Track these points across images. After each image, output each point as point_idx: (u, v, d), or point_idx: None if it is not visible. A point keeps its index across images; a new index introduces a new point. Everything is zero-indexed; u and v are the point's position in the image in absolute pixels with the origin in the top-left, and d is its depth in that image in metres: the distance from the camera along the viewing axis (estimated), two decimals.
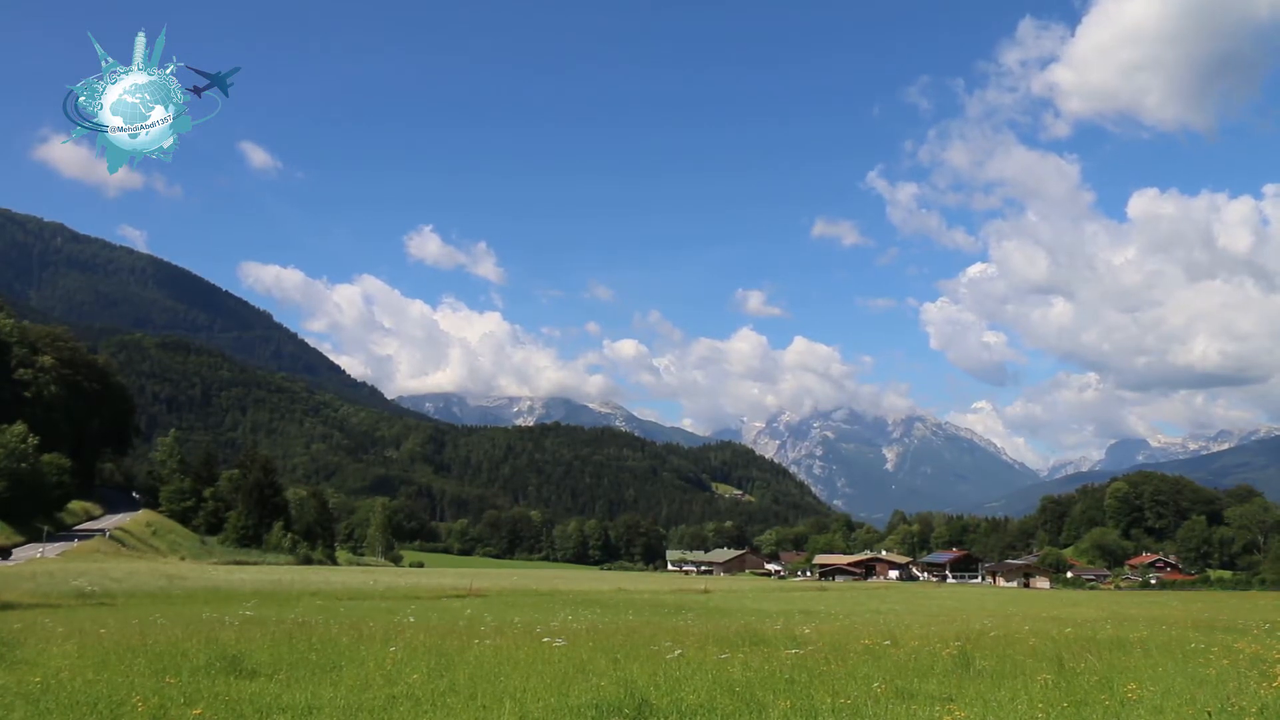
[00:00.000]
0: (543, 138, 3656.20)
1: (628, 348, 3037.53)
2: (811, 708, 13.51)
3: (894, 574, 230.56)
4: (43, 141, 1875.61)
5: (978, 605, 73.72)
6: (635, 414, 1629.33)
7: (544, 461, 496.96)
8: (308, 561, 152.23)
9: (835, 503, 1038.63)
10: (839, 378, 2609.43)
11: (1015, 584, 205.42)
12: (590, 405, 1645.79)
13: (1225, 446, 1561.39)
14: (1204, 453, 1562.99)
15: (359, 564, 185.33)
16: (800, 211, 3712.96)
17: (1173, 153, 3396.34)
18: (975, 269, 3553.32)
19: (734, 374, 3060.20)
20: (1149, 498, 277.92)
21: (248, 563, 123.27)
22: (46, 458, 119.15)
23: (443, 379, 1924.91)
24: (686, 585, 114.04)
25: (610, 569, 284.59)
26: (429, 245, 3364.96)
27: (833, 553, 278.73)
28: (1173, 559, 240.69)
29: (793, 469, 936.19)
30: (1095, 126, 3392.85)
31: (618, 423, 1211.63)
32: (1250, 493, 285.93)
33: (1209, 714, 13.10)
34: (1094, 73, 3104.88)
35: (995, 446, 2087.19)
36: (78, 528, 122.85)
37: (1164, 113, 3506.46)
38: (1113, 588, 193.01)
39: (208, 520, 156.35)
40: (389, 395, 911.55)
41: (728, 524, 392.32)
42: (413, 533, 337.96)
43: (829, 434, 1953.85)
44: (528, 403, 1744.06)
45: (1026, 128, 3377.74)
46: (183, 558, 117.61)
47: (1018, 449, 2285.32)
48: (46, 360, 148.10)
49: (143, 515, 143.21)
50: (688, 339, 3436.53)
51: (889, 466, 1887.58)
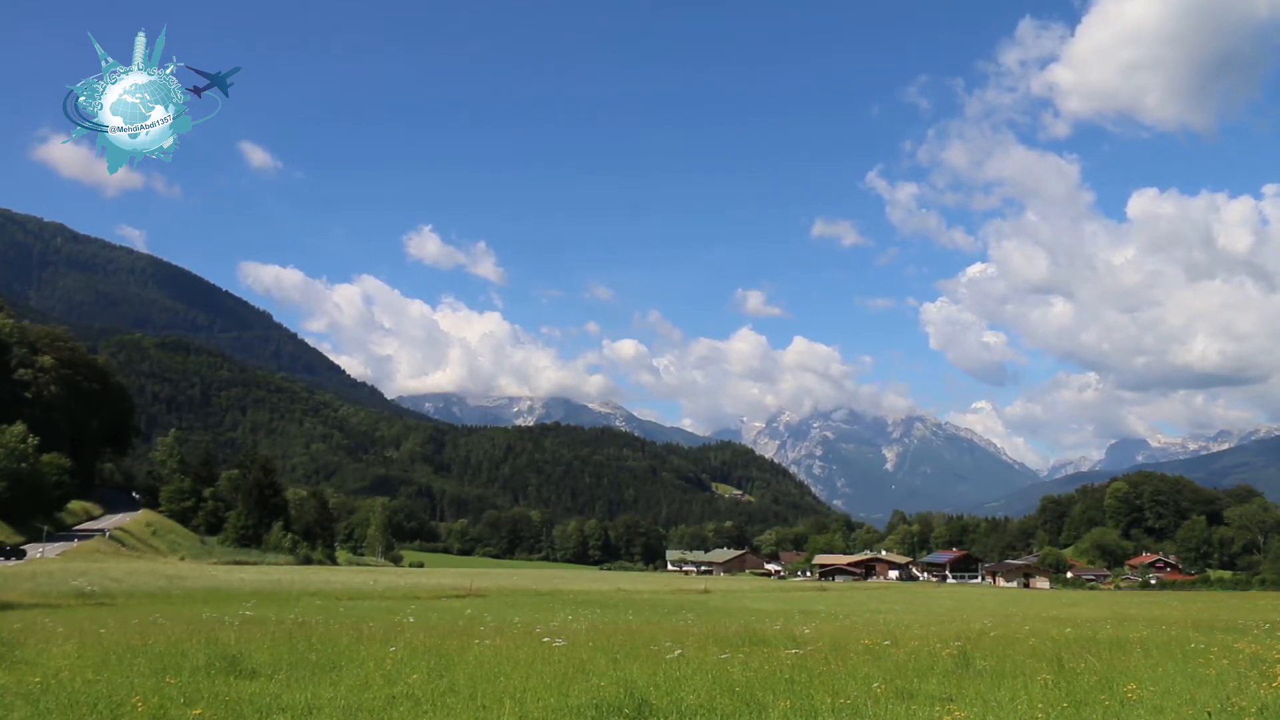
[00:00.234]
0: (543, 138, 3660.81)
1: (627, 348, 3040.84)
2: (811, 708, 13.52)
3: (894, 574, 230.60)
4: (42, 141, 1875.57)
5: (977, 605, 73.75)
6: (635, 414, 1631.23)
7: (544, 461, 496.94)
8: (307, 561, 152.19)
9: (835, 503, 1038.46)
10: (839, 378, 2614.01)
11: (1015, 584, 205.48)
12: (590, 405, 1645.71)
13: (1225, 446, 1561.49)
14: (1204, 453, 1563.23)
15: (359, 564, 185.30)
16: (800, 211, 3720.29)
17: (1172, 152, 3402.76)
18: (975, 269, 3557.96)
19: (734, 374, 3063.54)
20: (1149, 498, 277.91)
21: (247, 563, 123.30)
22: (46, 458, 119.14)
23: (442, 379, 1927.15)
24: (686, 585, 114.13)
25: (610, 569, 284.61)
26: (428, 245, 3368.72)
27: (832, 553, 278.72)
28: (1173, 559, 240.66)
29: (792, 469, 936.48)
30: (1095, 126, 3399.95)
31: (617, 423, 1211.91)
32: (1250, 493, 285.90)
33: (1209, 714, 13.10)
34: (1093, 72, 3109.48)
35: (995, 446, 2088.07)
36: (78, 528, 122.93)
37: (1164, 112, 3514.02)
38: (1112, 588, 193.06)
39: (207, 520, 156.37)
40: (389, 395, 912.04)
41: (727, 524, 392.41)
42: (413, 533, 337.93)
43: (829, 434, 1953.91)
44: (527, 403, 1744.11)
45: (1026, 127, 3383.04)
46: (182, 558, 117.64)
47: (1017, 449, 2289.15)
48: (46, 360, 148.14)
49: (142, 515, 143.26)
50: (687, 339, 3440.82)
51: (889, 466, 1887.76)
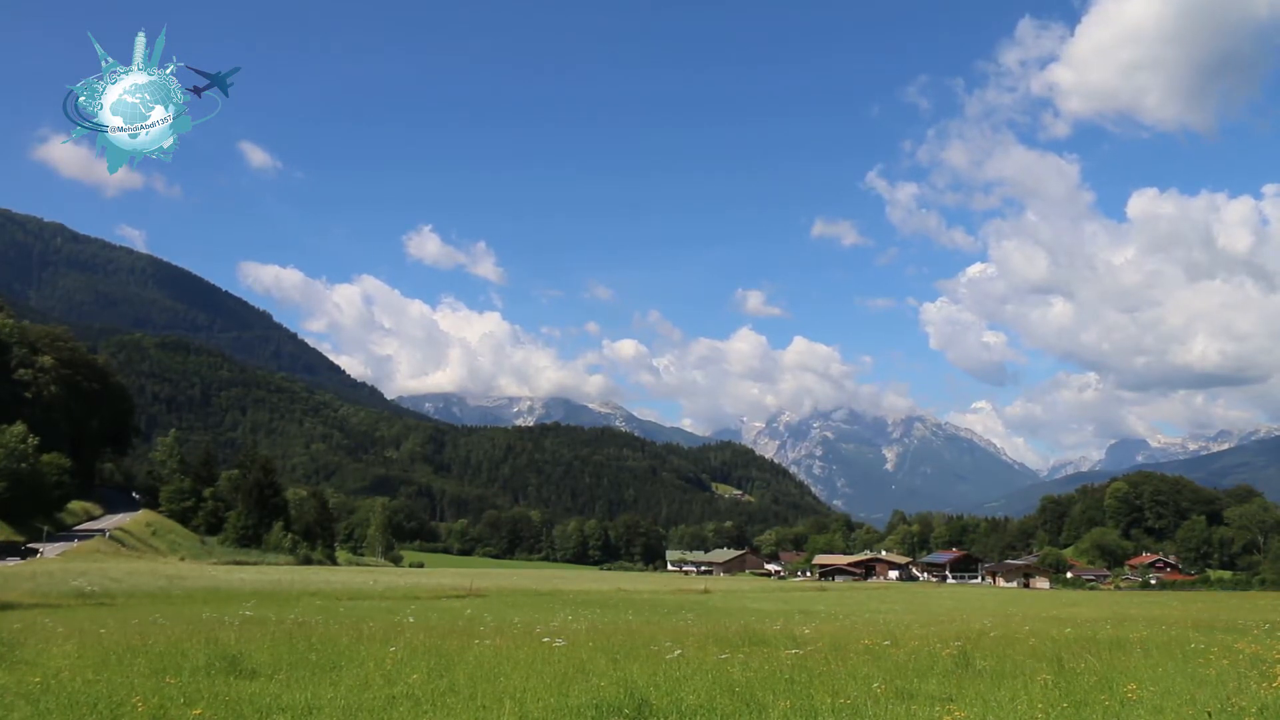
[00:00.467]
0: (542, 137, 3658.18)
1: (627, 348, 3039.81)
2: (811, 708, 13.51)
3: (894, 574, 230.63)
4: (42, 141, 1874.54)
5: (977, 605, 73.76)
6: (635, 414, 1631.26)
7: (544, 461, 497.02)
8: (307, 562, 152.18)
9: (835, 503, 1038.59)
10: (838, 378, 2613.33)
11: (1015, 584, 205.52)
12: (590, 405, 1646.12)
13: (1225, 446, 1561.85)
14: (1204, 453, 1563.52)
15: (359, 564, 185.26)
16: (799, 211, 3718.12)
17: (1172, 152, 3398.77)
18: (975, 269, 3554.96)
19: (734, 374, 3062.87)
20: (1149, 498, 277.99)
21: (247, 563, 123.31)
22: (46, 458, 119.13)
23: (442, 379, 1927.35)
24: (686, 585, 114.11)
25: (610, 569, 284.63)
26: (428, 245, 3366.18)
27: (832, 553, 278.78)
28: (1172, 559, 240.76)
29: (792, 469, 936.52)
30: (1095, 126, 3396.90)
31: (617, 423, 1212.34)
32: (1250, 493, 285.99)
33: (1209, 714, 13.10)
34: (1093, 72, 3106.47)
35: (995, 446, 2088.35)
36: (78, 528, 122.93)
37: (1164, 112, 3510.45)
38: (1112, 588, 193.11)
39: (207, 520, 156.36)
40: (389, 395, 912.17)
41: (727, 524, 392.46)
42: (412, 533, 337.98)
43: (829, 434, 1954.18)
44: (527, 403, 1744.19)
45: (1026, 127, 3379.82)
46: (182, 558, 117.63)
47: (1017, 449, 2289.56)
48: (46, 360, 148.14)
49: (142, 515, 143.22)
50: (687, 339, 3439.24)
51: (889, 466, 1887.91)
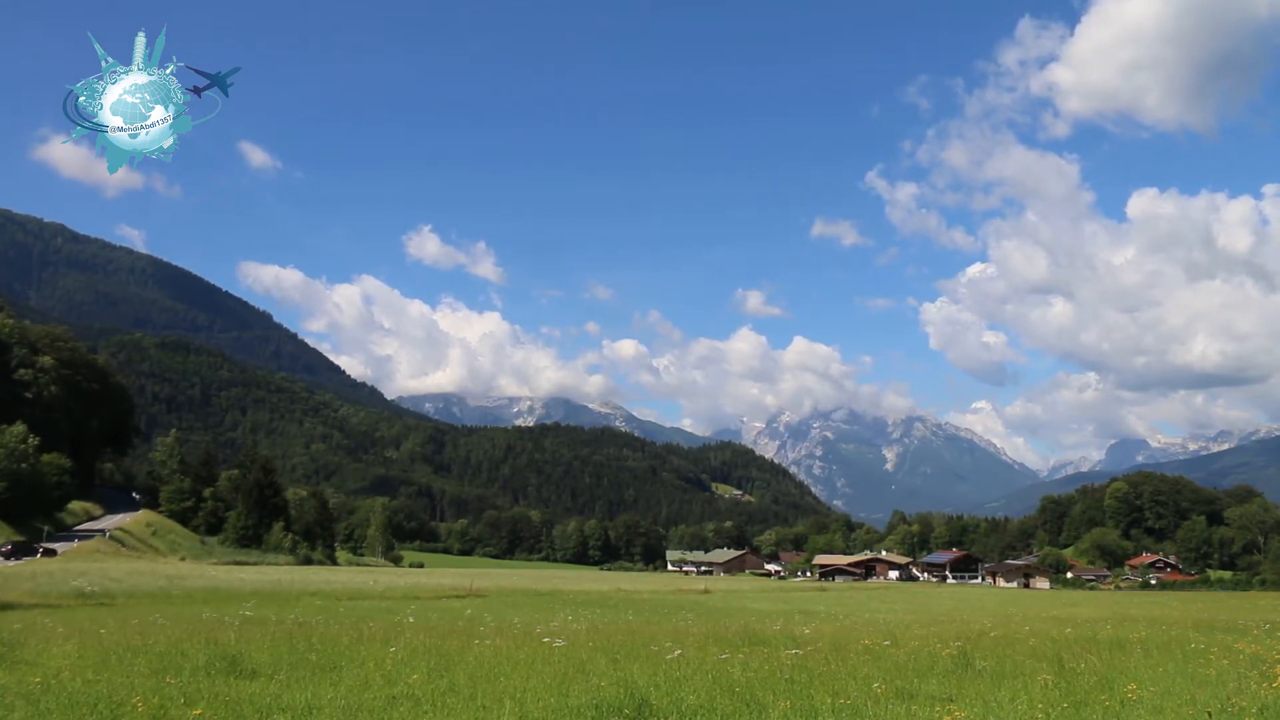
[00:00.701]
0: (542, 137, 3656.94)
1: (627, 348, 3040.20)
2: (811, 708, 13.52)
3: (894, 574, 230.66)
4: (42, 141, 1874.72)
5: (977, 606, 73.78)
6: (635, 414, 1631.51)
7: (544, 462, 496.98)
8: (308, 562, 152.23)
9: (835, 503, 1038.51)
10: (838, 378, 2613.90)
11: (1015, 584, 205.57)
12: (590, 405, 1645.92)
13: (1225, 447, 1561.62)
14: (1204, 453, 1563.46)
15: (359, 564, 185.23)
16: (799, 211, 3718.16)
17: (1172, 152, 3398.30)
18: (975, 269, 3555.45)
19: (734, 374, 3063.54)
20: (1149, 498, 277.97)
21: (247, 563, 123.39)
22: (46, 458, 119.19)
23: (442, 379, 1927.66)
24: (686, 585, 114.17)
25: (610, 569, 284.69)
26: (428, 245, 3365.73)
27: (832, 553, 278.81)
28: (1173, 559, 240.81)
29: (792, 469, 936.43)
30: (1095, 126, 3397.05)
31: (617, 423, 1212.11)
32: (1250, 493, 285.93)
33: (1209, 714, 13.10)
34: (1093, 72, 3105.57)
35: (995, 447, 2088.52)
36: (78, 528, 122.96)
37: (1163, 112, 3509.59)
38: (1113, 588, 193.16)
39: (208, 520, 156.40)
40: (389, 395, 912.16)
41: (727, 524, 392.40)
42: (413, 533, 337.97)
43: (829, 434, 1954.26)
44: (527, 403, 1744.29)
45: (1026, 127, 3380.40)
46: (183, 558, 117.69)
47: (1017, 449, 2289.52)
48: (46, 360, 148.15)
49: (143, 515, 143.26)
50: (687, 339, 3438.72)
51: (889, 467, 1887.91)
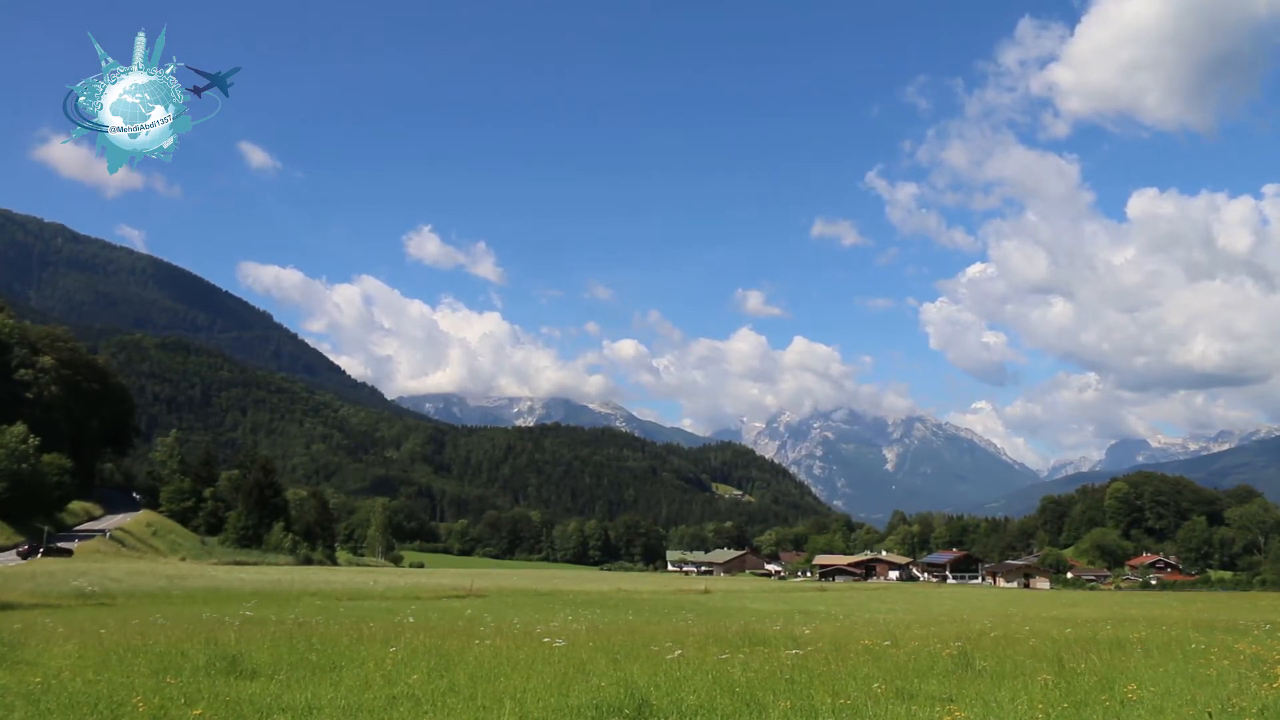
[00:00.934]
0: (541, 137, 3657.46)
1: (627, 348, 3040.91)
2: (812, 708, 13.51)
3: (894, 574, 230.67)
4: (43, 142, 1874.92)
5: (978, 606, 73.77)
6: (635, 414, 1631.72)
7: (544, 462, 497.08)
8: (308, 562, 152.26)
9: (835, 503, 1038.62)
10: (839, 378, 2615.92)
11: (1015, 584, 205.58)
12: (590, 405, 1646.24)
13: (1225, 447, 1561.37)
14: (1204, 453, 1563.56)
15: (359, 564, 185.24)
16: (799, 211, 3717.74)
17: (1172, 152, 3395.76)
18: (975, 269, 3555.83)
19: (733, 374, 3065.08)
20: (1149, 498, 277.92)
21: (248, 563, 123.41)
22: (47, 458, 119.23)
23: (443, 379, 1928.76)
24: (686, 585, 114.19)
25: (610, 569, 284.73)
26: (428, 245, 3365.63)
27: (833, 553, 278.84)
28: (1173, 559, 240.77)
29: (793, 469, 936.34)
30: (1094, 126, 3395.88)
31: (618, 423, 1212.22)
32: (1250, 493, 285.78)
33: (1209, 715, 13.10)
34: (1093, 72, 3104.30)
35: (995, 447, 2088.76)
36: (78, 528, 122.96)
37: (1163, 112, 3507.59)
38: (1113, 588, 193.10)
39: (208, 520, 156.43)
40: (389, 395, 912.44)
41: (728, 524, 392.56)
42: (413, 533, 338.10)
43: (829, 434, 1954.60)
44: (528, 403, 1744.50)
45: (1026, 127, 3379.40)
46: (183, 558, 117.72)
47: (1017, 449, 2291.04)
48: (47, 361, 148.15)
49: (143, 515, 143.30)
50: (687, 339, 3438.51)
51: (889, 467, 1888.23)
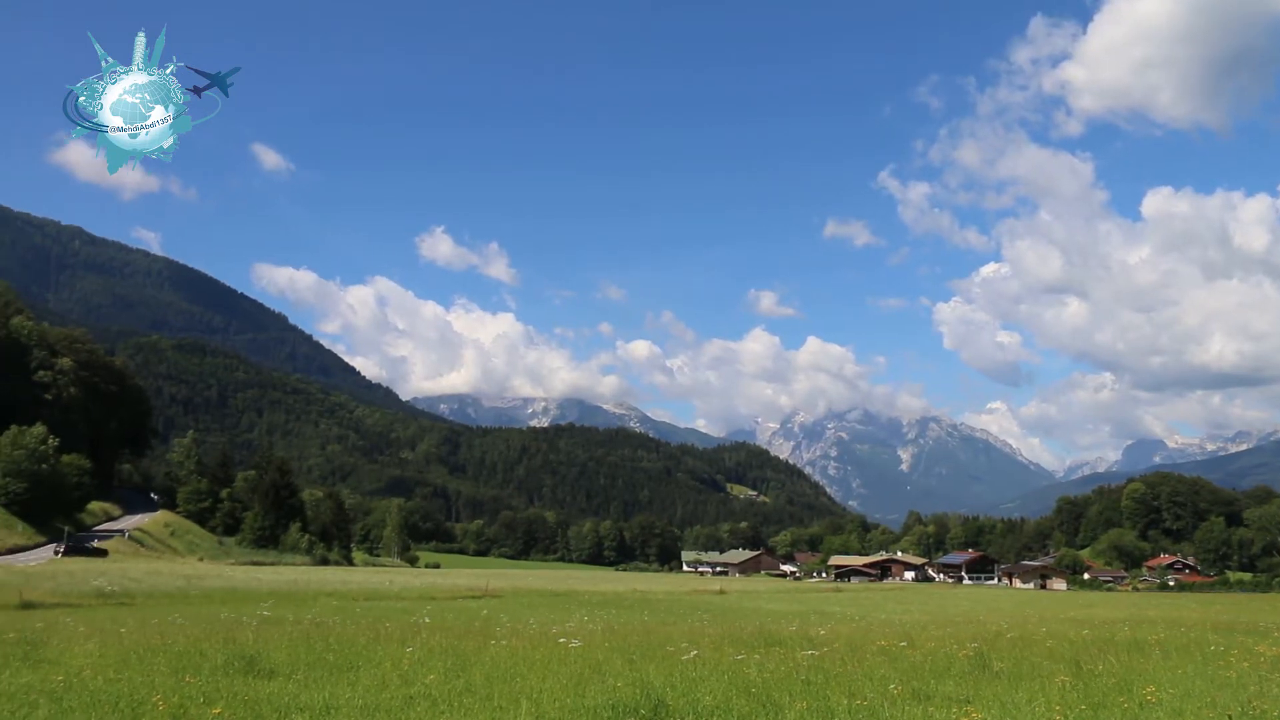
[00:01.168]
0: (552, 138, 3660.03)
1: (641, 348, 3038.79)
2: (828, 709, 13.49)
3: (909, 575, 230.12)
4: (60, 145, 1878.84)
5: (994, 606, 73.51)
6: (649, 415, 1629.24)
7: (558, 462, 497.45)
8: (324, 562, 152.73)
9: (850, 504, 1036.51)
10: (852, 378, 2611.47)
11: (1032, 585, 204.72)
12: (604, 406, 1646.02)
13: (1243, 447, 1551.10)
14: (1222, 453, 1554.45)
15: (375, 565, 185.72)
16: (811, 211, 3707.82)
17: (1186, 150, 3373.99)
18: (988, 268, 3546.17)
19: (747, 374, 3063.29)
20: (1166, 499, 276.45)
21: (264, 563, 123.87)
22: (66, 459, 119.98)
23: (457, 380, 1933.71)
24: (702, 586, 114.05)
25: (625, 570, 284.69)
26: (441, 246, 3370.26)
27: (848, 554, 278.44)
28: (1191, 560, 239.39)
29: (807, 470, 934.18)
30: (1108, 124, 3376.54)
31: (632, 423, 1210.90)
32: (1269, 494, 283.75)
33: (1229, 717, 13.04)
34: (1106, 70, 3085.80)
35: (1010, 447, 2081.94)
36: (97, 528, 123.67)
37: (1177, 110, 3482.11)
38: (1130, 589, 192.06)
39: (225, 521, 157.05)
40: (404, 396, 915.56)
41: (743, 525, 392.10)
42: (428, 534, 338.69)
43: (843, 435, 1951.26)
44: (542, 404, 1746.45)
45: (1038, 126, 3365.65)
46: (200, 558, 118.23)
47: (1033, 449, 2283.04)
48: (65, 362, 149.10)
49: (161, 516, 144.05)
50: (700, 339, 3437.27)
51: (904, 467, 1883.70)
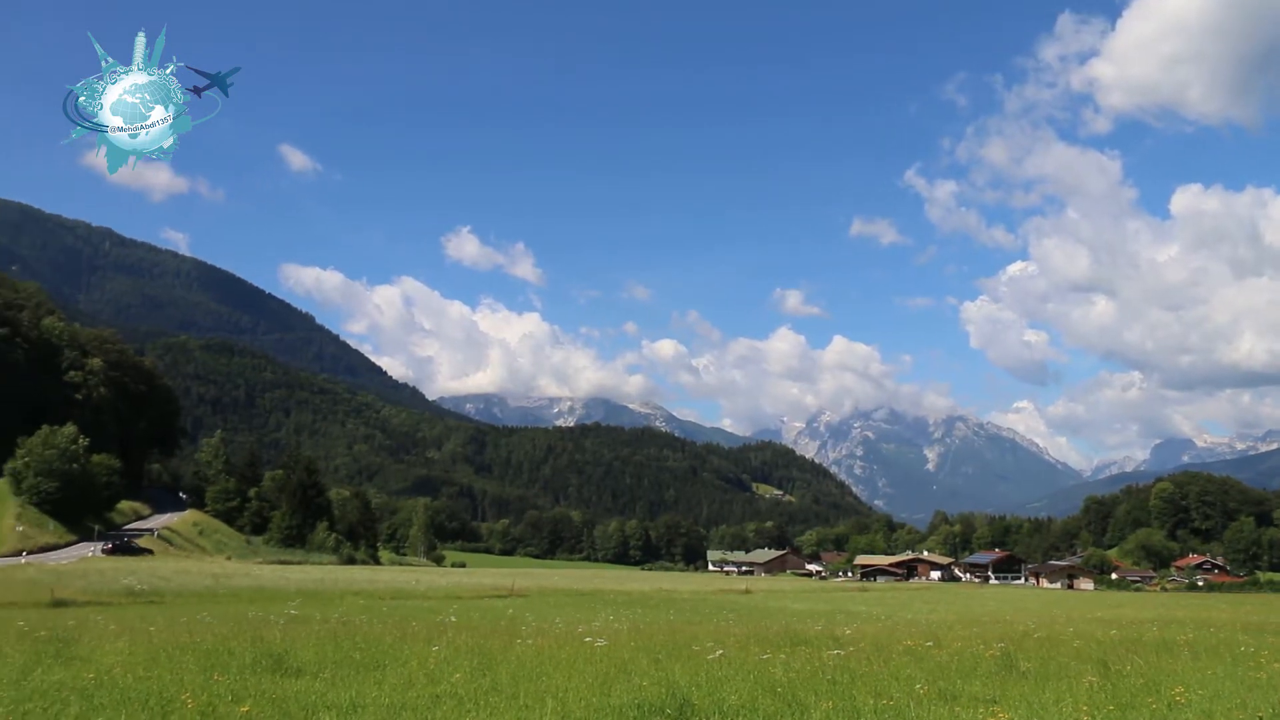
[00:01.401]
0: (580, 138, 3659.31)
1: (666, 348, 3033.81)
2: (854, 709, 13.45)
3: (936, 575, 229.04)
4: (90, 148, 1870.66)
5: (1020, 606, 73.11)
6: (675, 414, 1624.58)
7: (584, 462, 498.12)
8: (351, 561, 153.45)
9: (876, 503, 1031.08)
10: (878, 377, 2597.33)
11: (1059, 585, 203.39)
12: (630, 405, 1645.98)
13: (1274, 446, 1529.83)
14: (1252, 453, 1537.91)
15: (401, 564, 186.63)
16: (837, 210, 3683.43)
17: (1216, 147, 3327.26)
18: (1015, 267, 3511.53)
19: (773, 374, 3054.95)
20: (1195, 498, 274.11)
21: (292, 562, 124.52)
22: (96, 458, 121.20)
23: (483, 380, 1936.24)
24: (727, 585, 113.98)
25: (651, 569, 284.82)
26: (467, 246, 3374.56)
27: (874, 553, 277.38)
28: (1220, 560, 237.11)
29: (833, 469, 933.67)
30: (1136, 121, 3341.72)
31: (657, 423, 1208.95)
32: None
33: (1260, 719, 12.93)
34: (1135, 66, 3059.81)
35: (1037, 446, 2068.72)
36: (127, 527, 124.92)
37: (1207, 106, 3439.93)
38: (1158, 589, 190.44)
39: (252, 520, 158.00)
40: (430, 396, 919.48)
41: (768, 524, 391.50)
42: (454, 533, 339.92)
43: (869, 434, 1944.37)
44: (568, 403, 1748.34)
45: (1066, 124, 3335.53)
46: (228, 557, 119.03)
47: (1060, 449, 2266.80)
48: (96, 363, 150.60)
49: (189, 515, 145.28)
50: (726, 339, 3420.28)
51: (930, 467, 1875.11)
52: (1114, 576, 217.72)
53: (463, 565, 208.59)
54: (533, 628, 28.29)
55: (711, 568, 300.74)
